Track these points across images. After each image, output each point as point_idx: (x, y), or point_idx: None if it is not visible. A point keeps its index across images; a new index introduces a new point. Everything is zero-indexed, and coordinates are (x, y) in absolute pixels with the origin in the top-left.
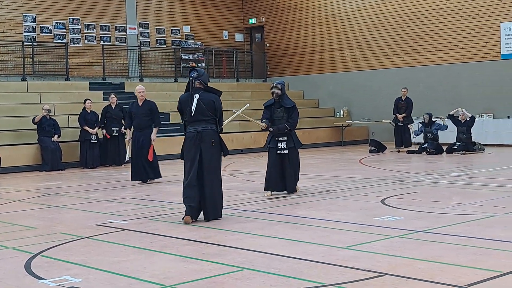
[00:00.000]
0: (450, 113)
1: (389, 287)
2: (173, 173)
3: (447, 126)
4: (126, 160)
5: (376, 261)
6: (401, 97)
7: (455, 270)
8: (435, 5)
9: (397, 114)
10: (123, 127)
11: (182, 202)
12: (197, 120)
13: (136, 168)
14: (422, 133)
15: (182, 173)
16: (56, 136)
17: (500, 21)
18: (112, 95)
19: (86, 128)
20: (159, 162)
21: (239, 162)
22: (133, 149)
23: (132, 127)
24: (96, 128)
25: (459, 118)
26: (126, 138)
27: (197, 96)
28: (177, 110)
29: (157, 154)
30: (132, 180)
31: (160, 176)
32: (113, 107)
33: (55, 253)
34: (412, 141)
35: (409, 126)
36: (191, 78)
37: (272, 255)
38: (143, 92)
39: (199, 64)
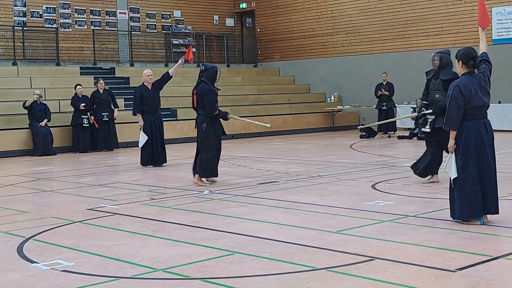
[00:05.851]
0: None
1: (380, 271)
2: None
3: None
4: (141, 145)
5: (366, 245)
6: (382, 82)
7: (445, 254)
8: None
9: (381, 90)
10: (134, 112)
11: (174, 187)
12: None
13: (153, 152)
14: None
15: (173, 158)
16: (45, 121)
17: (491, 6)
18: (101, 80)
19: (81, 107)
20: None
21: (230, 147)
22: (152, 133)
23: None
24: (88, 113)
25: None
26: (139, 123)
27: None
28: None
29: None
30: (145, 165)
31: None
32: (101, 92)
33: (47, 237)
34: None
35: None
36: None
37: (263, 239)
38: (151, 75)
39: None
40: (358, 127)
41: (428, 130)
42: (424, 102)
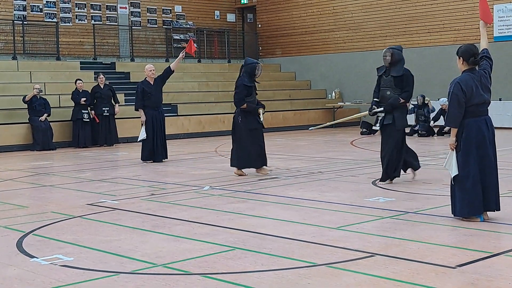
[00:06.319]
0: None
1: (380, 267)
2: None
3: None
4: (140, 140)
5: (367, 241)
6: None
7: (446, 250)
8: None
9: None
10: (136, 107)
11: (174, 183)
12: None
13: (154, 148)
14: (414, 115)
15: (174, 154)
16: (45, 115)
17: (493, 3)
18: (101, 75)
19: (83, 102)
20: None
21: (230, 143)
22: (154, 128)
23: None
24: (88, 108)
25: (444, 108)
26: (141, 118)
27: None
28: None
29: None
30: (145, 160)
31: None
32: (102, 87)
33: (47, 232)
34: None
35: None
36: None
37: (264, 235)
38: (154, 70)
39: None
40: (310, 128)
41: (377, 128)
42: (375, 99)
